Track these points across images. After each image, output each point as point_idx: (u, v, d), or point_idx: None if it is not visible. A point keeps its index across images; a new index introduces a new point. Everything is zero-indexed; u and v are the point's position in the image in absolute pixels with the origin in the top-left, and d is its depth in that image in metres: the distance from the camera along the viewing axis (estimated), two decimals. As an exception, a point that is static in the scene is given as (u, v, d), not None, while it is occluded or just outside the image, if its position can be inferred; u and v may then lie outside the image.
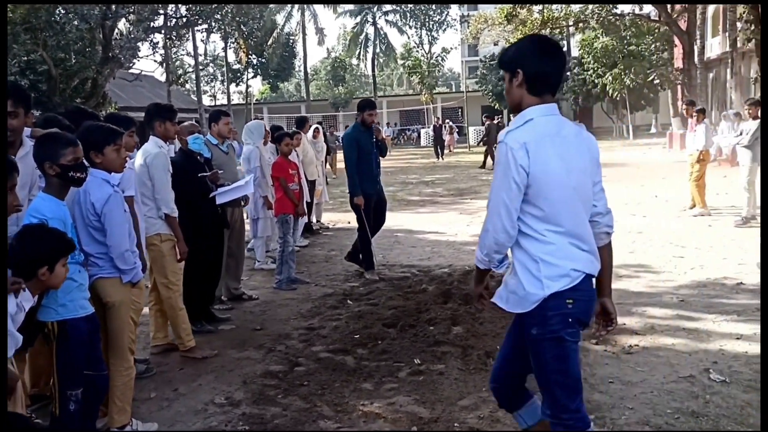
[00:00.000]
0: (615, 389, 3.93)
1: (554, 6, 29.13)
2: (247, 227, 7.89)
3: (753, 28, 16.39)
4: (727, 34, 27.58)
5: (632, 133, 34.57)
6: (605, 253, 2.67)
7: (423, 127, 36.62)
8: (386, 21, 53.62)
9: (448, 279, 6.95)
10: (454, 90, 61.81)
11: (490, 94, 42.58)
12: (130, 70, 26.28)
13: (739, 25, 22.09)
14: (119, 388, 3.49)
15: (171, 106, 5.35)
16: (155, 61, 29.60)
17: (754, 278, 6.34)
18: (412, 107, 50.09)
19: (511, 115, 16.26)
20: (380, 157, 7.37)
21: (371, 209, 7.29)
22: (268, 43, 49.15)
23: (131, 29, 22.02)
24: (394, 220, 11.52)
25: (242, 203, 6.43)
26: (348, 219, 11.70)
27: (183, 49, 48.00)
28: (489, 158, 21.61)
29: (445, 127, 36.10)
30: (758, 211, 9.11)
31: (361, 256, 7.36)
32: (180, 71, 41.77)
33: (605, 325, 2.73)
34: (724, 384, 3.93)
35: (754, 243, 7.90)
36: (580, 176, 2.52)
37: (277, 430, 3.61)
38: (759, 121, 8.94)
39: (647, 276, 6.74)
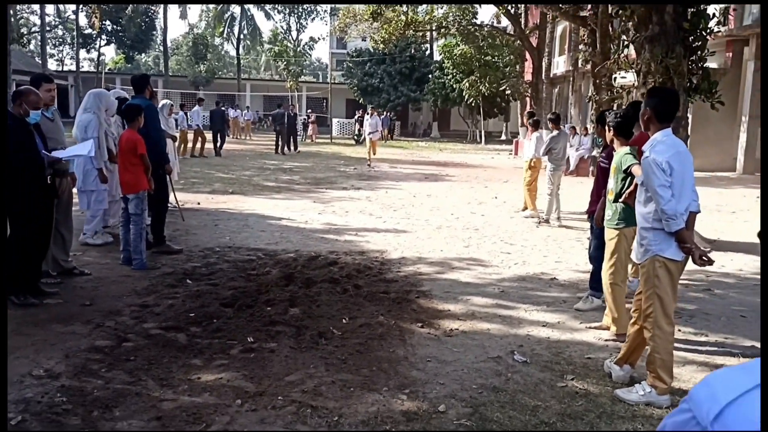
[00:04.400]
0: (431, 367, 4.28)
1: (420, 9, 30.11)
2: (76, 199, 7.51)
3: (591, 50, 17.97)
4: (570, 54, 30.03)
5: (484, 139, 36.58)
6: None
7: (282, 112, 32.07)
8: (253, 3, 52.46)
9: (293, 263, 7.09)
10: (321, 80, 61.85)
11: (355, 87, 43.17)
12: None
13: (581, 47, 24.14)
14: None
15: None
16: (-7, 15, 26.87)
17: (566, 275, 7.07)
18: (276, 93, 49.52)
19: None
20: None
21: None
22: (126, 11, 46.28)
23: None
24: (246, 204, 11.48)
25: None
26: (197, 200, 11.46)
27: (27, 7, 44.03)
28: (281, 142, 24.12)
29: (309, 117, 36.12)
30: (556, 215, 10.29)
31: (154, 231, 7.48)
32: (23, 30, 38.18)
33: None
34: (525, 364, 4.41)
35: (571, 244, 8.79)
36: None
37: (96, 402, 3.55)
38: (554, 133, 10.12)
39: (477, 269, 7.28)
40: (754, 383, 0.67)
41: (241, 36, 52.85)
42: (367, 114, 23.53)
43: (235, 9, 52.04)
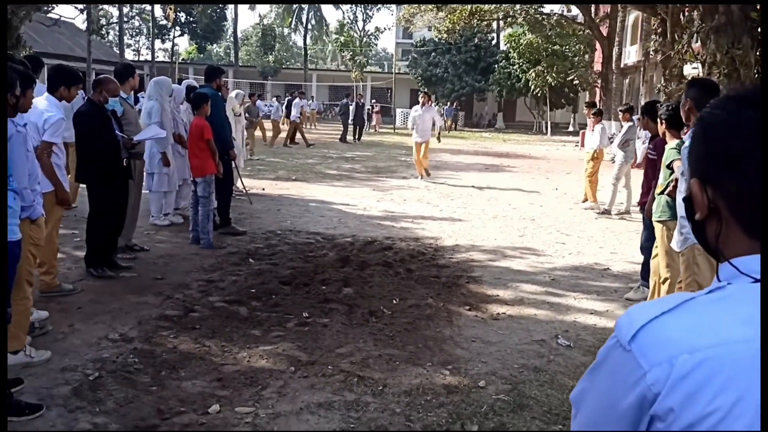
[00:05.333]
0: (475, 347, 4.46)
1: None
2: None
3: (661, 40, 17.52)
4: (642, 43, 29.19)
5: (550, 130, 36.04)
6: None
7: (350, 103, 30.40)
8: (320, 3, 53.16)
9: (349, 247, 7.37)
10: (386, 70, 62.17)
11: (419, 78, 43.22)
12: (49, 15, 25.14)
13: (652, 37, 23.49)
14: (15, 316, 3.69)
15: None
16: (76, 7, 28.37)
17: (620, 266, 7.08)
18: (341, 83, 50.12)
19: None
20: None
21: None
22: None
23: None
24: (308, 190, 11.87)
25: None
26: (262, 186, 11.92)
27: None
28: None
29: (374, 107, 36.53)
30: (624, 206, 10.20)
31: (220, 213, 7.85)
32: (103, 21, 40.03)
33: None
34: (568, 348, 4.53)
35: (629, 236, 8.73)
36: None
37: (164, 363, 3.92)
38: (629, 124, 10.03)
39: (530, 257, 7.38)
40: (662, 311, 0.85)
41: (308, 27, 53.69)
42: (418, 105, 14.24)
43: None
